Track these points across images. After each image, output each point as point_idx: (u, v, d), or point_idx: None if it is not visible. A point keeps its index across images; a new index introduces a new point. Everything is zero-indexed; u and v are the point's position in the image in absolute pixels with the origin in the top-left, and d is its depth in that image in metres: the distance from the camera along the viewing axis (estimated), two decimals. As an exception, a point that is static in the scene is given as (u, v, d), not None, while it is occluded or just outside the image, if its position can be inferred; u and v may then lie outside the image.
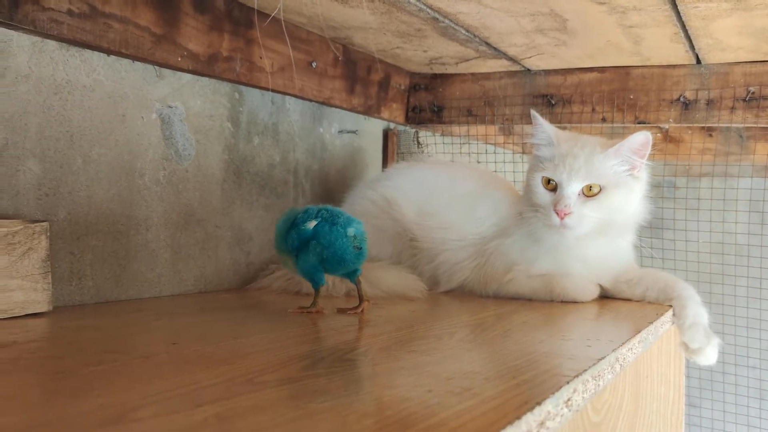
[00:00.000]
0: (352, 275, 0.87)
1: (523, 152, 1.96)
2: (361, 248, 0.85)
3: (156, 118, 0.97)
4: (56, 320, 0.73)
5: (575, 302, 1.01)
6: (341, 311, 0.86)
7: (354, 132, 1.42)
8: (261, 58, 1.09)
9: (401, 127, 1.55)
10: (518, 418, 0.39)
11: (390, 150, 1.53)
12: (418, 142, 1.56)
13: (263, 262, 1.17)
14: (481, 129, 1.55)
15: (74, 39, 0.82)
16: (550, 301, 1.02)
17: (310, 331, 0.73)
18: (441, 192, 1.18)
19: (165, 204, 0.99)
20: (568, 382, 0.48)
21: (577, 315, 0.91)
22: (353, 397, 0.45)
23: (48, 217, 0.82)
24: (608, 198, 0.98)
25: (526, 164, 1.80)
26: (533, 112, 1.05)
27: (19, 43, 0.80)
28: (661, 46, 1.12)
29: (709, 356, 0.96)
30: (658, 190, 2.51)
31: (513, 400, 0.44)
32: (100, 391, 0.43)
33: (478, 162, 1.52)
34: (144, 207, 0.95)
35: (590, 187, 0.98)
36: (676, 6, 0.90)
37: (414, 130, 1.56)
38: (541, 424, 0.42)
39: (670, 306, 0.98)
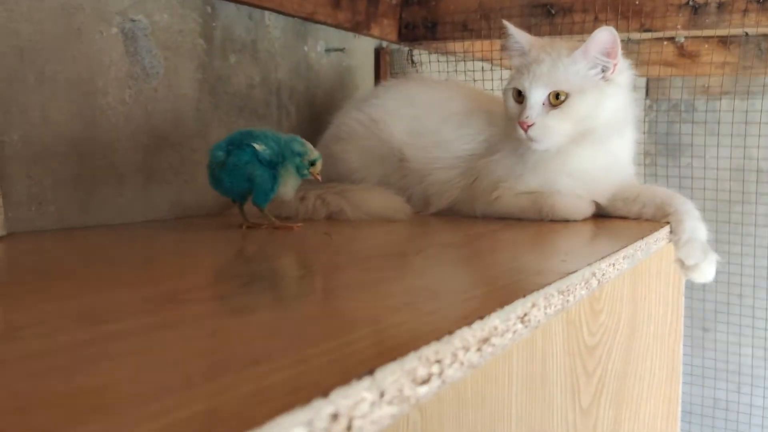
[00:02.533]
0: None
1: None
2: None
3: (117, 32, 0.91)
4: (6, 245, 0.70)
5: (566, 221, 0.95)
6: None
7: (341, 50, 1.34)
8: (232, -33, 1.01)
9: (394, 46, 1.47)
10: (450, 333, 0.34)
11: (382, 70, 1.45)
12: (412, 61, 1.48)
13: (246, 187, 1.13)
14: (477, 45, 1.46)
15: (15, -57, 0.75)
16: (540, 221, 0.96)
17: (267, 250, 0.69)
18: (432, 110, 1.11)
19: (132, 125, 0.94)
20: (524, 296, 0.43)
21: (565, 233, 0.86)
22: (277, 312, 0.40)
23: None
24: (575, 105, 0.90)
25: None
26: (505, 22, 0.97)
27: (-47, -53, 0.73)
28: (667, -58, 1.01)
29: (706, 273, 0.91)
30: (675, 111, 2.41)
31: (453, 314, 0.39)
32: (7, 310, 0.40)
33: (474, 81, 1.44)
34: (109, 128, 0.91)
35: (556, 95, 0.91)
36: None
37: (407, 48, 1.47)
38: (485, 340, 0.38)
39: (668, 223, 0.93)
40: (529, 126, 0.90)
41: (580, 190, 0.96)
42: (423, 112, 1.11)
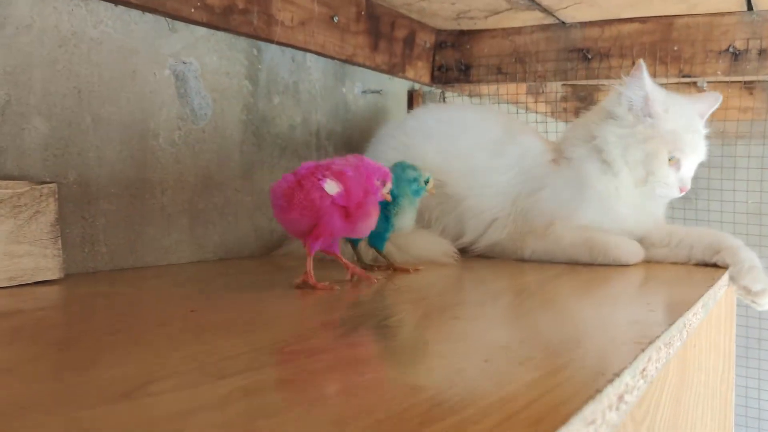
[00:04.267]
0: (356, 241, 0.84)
1: (552, 113, 1.88)
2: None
3: (169, 74, 0.91)
4: (67, 288, 0.68)
5: (618, 265, 0.94)
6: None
7: (378, 92, 1.34)
8: (279, 10, 1.02)
9: (426, 88, 1.47)
10: (599, 391, 0.32)
11: (415, 112, 1.45)
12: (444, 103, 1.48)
13: (286, 228, 1.12)
14: (510, 88, 1.47)
15: (79, -14, 0.75)
16: (590, 265, 0.95)
17: (336, 298, 0.67)
18: (467, 134, 1.11)
19: (181, 166, 0.93)
20: (643, 350, 0.42)
21: (624, 280, 0.85)
22: (401, 368, 0.39)
23: (56, 178, 0.77)
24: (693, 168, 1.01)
25: (552, 124, 1.72)
26: (641, 62, 0.96)
27: (20, -10, 0.73)
28: (711, -10, 1.03)
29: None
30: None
31: (583, 370, 0.37)
32: (111, 363, 0.38)
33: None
34: (159, 169, 0.90)
35: None
36: (737, -62, 0.81)
37: (440, 90, 1.48)
38: (621, 398, 0.36)
39: (723, 269, 0.91)
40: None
41: (636, 230, 0.96)
42: (458, 135, 1.10)
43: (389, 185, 0.74)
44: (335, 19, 1.13)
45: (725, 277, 0.86)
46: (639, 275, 0.89)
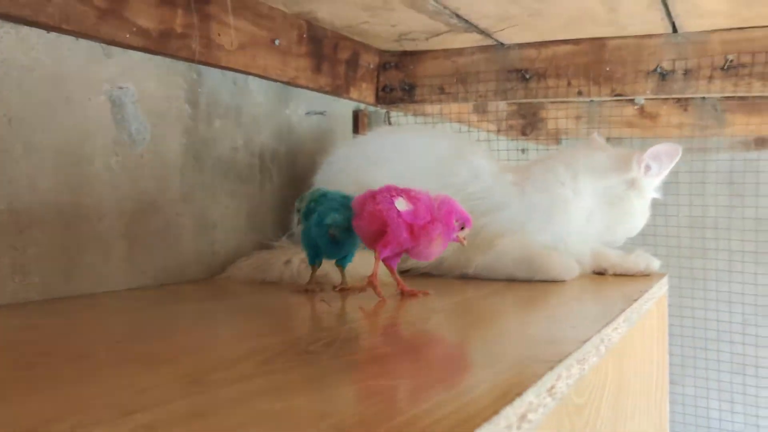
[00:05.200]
0: (337, 261, 0.89)
1: (498, 131, 1.92)
2: (337, 239, 0.84)
3: (105, 100, 0.90)
4: (-5, 320, 0.67)
5: (555, 281, 0.97)
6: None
7: (322, 113, 1.36)
8: (219, 35, 1.03)
9: (372, 108, 1.50)
10: (496, 412, 0.34)
11: (361, 131, 1.47)
12: (389, 122, 1.50)
13: (230, 251, 1.11)
14: (455, 108, 1.50)
15: (8, 14, 0.75)
16: (529, 281, 0.97)
17: (274, 322, 0.67)
18: (417, 157, 1.13)
19: (119, 192, 0.92)
20: (551, 368, 0.44)
21: (556, 296, 0.87)
22: (314, 395, 0.39)
23: (-15, 208, 0.76)
24: None
25: (502, 144, 1.76)
26: (680, 150, 1.06)
27: (-55, 18, 0.73)
28: (637, 13, 1.07)
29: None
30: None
31: (490, 390, 0.39)
32: (17, 400, 0.38)
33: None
34: (95, 196, 0.89)
35: None
36: (654, -33, 0.86)
37: (385, 110, 1.50)
38: (523, 417, 0.37)
39: (654, 280, 0.95)
40: None
41: (581, 250, 1.00)
42: (408, 157, 1.12)
43: (467, 230, 0.81)
44: (276, 42, 1.14)
45: (652, 290, 0.89)
46: (572, 291, 0.92)
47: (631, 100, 1.87)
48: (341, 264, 0.90)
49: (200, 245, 1.06)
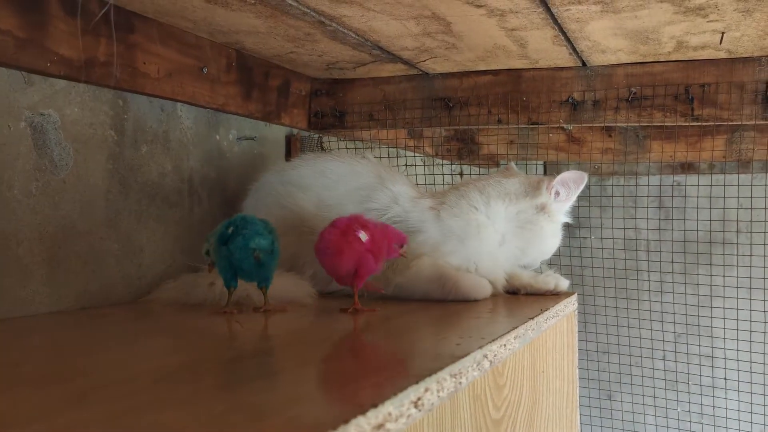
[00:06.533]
0: (259, 284, 0.93)
1: (435, 155, 1.99)
2: (262, 261, 0.89)
3: (25, 126, 0.92)
4: None
5: (467, 300, 1.02)
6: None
7: (253, 138, 1.39)
8: (145, 63, 1.05)
9: (305, 133, 1.54)
10: (345, 422, 0.38)
11: (293, 155, 1.51)
12: (322, 147, 1.55)
13: (158, 274, 1.13)
14: (390, 133, 1.56)
15: (-77, 43, 0.76)
16: (444, 301, 1.02)
17: (183, 343, 0.70)
18: (339, 183, 1.17)
19: (39, 217, 0.94)
20: (417, 382, 0.48)
21: (466, 315, 0.92)
22: (184, 411, 0.43)
23: None
24: None
25: (440, 168, 1.82)
26: (586, 178, 1.12)
27: None
28: (545, 49, 1.15)
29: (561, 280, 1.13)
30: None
31: (350, 403, 0.43)
32: None
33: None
34: (14, 221, 0.90)
35: None
36: (550, 9, 0.92)
37: (317, 135, 1.54)
38: (380, 426, 0.41)
39: (559, 298, 1.01)
40: None
41: (493, 272, 1.06)
42: (332, 184, 1.17)
43: (406, 246, 0.98)
44: (204, 70, 1.17)
45: (553, 309, 0.95)
46: (478, 310, 0.97)
47: (561, 127, 1.96)
48: (265, 285, 0.93)
49: (126, 269, 1.08)
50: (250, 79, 1.29)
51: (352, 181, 1.16)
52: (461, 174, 2.23)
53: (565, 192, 1.10)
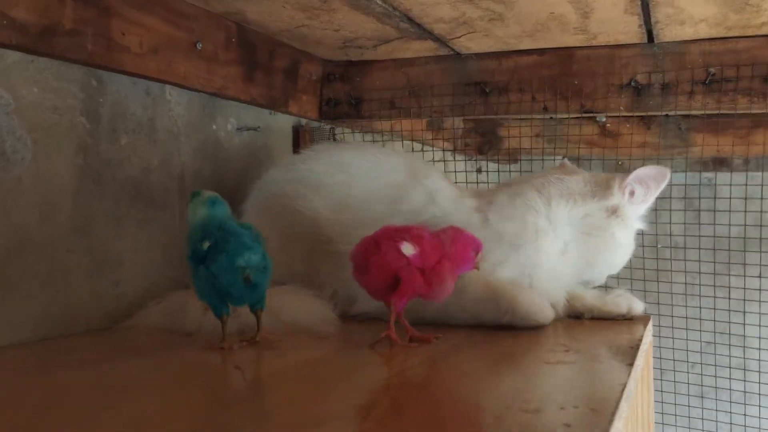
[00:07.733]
0: (252, 307, 0.74)
1: (455, 149, 1.78)
2: (253, 282, 0.70)
3: (-34, 109, 0.72)
4: None
5: (528, 326, 0.82)
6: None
7: (256, 129, 1.19)
8: (123, 34, 0.85)
9: (315, 123, 1.33)
10: None
11: (302, 149, 1.30)
12: (335, 140, 1.35)
13: (141, 291, 0.93)
14: (407, 124, 1.35)
15: None
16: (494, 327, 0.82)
17: (161, 405, 0.50)
18: (362, 180, 0.97)
19: (-15, 225, 0.73)
20: None
21: (538, 352, 0.72)
22: None
23: None
24: None
25: (457, 164, 1.62)
26: (669, 174, 0.92)
27: None
28: (612, 19, 0.94)
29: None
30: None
31: None
32: None
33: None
34: (-50, 231, 0.70)
35: None
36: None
37: (329, 126, 1.34)
38: None
39: (632, 329, 0.81)
40: None
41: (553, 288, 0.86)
42: (351, 181, 0.97)
43: (480, 254, 0.78)
44: (199, 46, 0.97)
45: (644, 342, 0.75)
46: (550, 344, 0.77)
47: (593, 118, 1.76)
48: (260, 307, 0.74)
49: (100, 287, 0.87)
50: (252, 58, 1.09)
51: (379, 177, 0.96)
52: (479, 170, 2.02)
53: (642, 191, 0.90)
